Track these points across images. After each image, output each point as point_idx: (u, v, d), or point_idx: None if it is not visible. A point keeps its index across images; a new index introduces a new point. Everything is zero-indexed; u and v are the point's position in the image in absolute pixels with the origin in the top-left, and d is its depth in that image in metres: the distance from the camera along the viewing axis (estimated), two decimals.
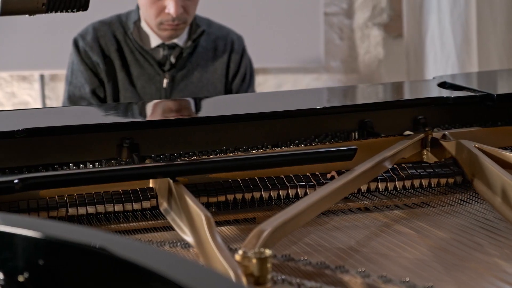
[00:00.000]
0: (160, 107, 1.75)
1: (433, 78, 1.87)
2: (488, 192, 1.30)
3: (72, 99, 2.76)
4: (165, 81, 2.73)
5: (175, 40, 2.73)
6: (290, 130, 1.54)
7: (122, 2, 2.94)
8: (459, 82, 1.76)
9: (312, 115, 1.55)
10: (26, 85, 4.14)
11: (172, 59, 2.74)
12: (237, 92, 2.83)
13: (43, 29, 3.78)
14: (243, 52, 2.87)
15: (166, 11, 2.62)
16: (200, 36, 2.77)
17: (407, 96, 1.90)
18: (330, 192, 1.20)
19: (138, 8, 2.77)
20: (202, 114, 1.66)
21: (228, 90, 2.85)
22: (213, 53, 2.81)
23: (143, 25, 2.74)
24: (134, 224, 1.24)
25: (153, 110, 1.72)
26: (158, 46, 2.74)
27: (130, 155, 1.42)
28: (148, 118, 1.64)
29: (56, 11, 1.15)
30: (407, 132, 1.56)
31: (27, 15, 1.16)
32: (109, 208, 1.26)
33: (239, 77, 2.84)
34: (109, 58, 2.74)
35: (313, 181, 1.34)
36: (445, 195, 1.36)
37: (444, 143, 1.46)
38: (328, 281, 0.99)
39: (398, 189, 1.38)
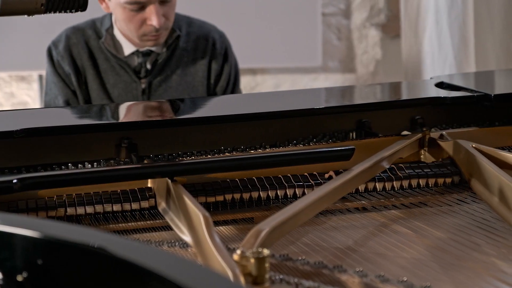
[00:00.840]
0: (159, 107, 1.75)
1: (431, 78, 1.88)
2: (486, 192, 1.30)
3: None
4: (141, 88, 2.67)
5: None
6: (288, 130, 1.54)
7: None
8: (456, 82, 1.77)
9: (310, 115, 1.56)
10: (25, 85, 4.15)
11: (148, 66, 2.64)
12: (222, 95, 2.75)
13: (41, 29, 3.78)
14: (226, 51, 2.74)
15: (149, 23, 2.51)
16: (176, 40, 2.66)
17: (404, 96, 1.91)
18: (328, 192, 1.20)
19: (110, 15, 2.66)
20: (200, 114, 1.66)
21: (211, 93, 2.73)
22: (193, 54, 2.70)
23: (116, 32, 2.64)
24: (133, 224, 1.25)
25: (151, 110, 1.72)
26: (133, 53, 2.64)
27: (128, 155, 1.42)
28: (147, 118, 1.64)
29: (54, 12, 1.16)
30: (405, 132, 1.56)
31: (26, 16, 1.17)
32: (108, 208, 1.26)
33: (224, 79, 2.72)
34: (81, 68, 2.66)
35: (311, 181, 1.34)
36: (442, 195, 1.36)
37: (441, 143, 1.46)
38: (326, 281, 0.99)
39: (396, 189, 1.38)
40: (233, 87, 2.75)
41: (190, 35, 2.71)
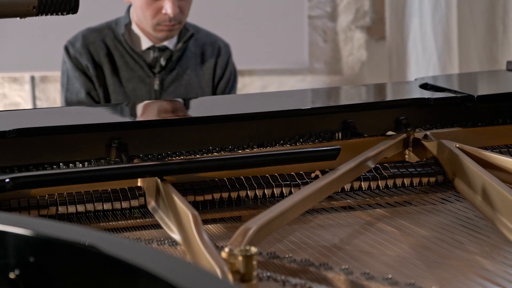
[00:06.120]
0: (148, 108, 1.76)
1: (415, 79, 1.88)
2: (469, 191, 1.30)
3: (70, 105, 2.79)
4: (155, 83, 2.76)
5: (165, 43, 2.75)
6: (275, 130, 1.55)
7: (112, 10, 2.96)
8: (440, 83, 1.78)
9: (296, 116, 1.56)
10: (17, 87, 4.15)
11: (162, 62, 2.76)
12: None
13: (34, 31, 3.78)
14: (228, 58, 2.91)
15: (163, 11, 2.64)
16: (190, 38, 2.80)
17: (389, 97, 1.91)
18: (314, 191, 1.21)
19: (128, 12, 2.78)
20: (189, 114, 1.67)
21: (213, 94, 2.88)
22: (201, 57, 2.84)
23: (134, 27, 2.76)
24: (123, 222, 1.25)
25: (141, 111, 1.73)
26: (149, 49, 2.76)
27: (118, 154, 1.43)
28: (137, 119, 1.65)
29: (46, 14, 1.16)
30: (390, 133, 1.56)
31: (18, 18, 1.17)
32: (98, 206, 1.26)
33: (224, 81, 2.88)
34: (99, 64, 2.76)
35: (297, 180, 1.35)
36: (426, 194, 1.37)
37: (425, 143, 1.47)
38: (312, 278, 0.99)
39: (381, 188, 1.39)
40: (230, 90, 2.91)
41: (198, 40, 2.85)
